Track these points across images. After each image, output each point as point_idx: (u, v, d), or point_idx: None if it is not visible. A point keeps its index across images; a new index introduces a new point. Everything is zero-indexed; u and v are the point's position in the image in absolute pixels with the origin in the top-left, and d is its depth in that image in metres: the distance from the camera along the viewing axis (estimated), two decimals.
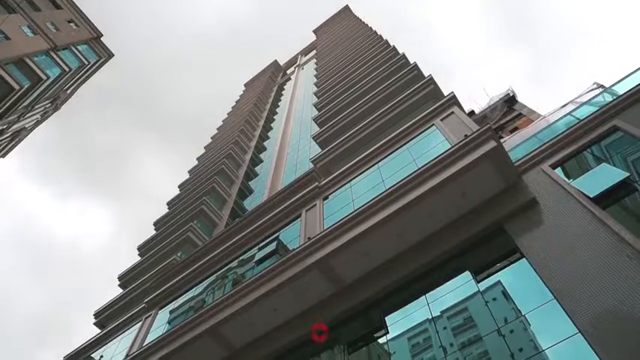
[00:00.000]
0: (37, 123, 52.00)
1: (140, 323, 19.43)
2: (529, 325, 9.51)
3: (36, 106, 42.57)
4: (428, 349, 10.91)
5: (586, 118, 13.73)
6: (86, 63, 44.03)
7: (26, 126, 48.75)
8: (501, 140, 15.15)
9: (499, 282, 10.95)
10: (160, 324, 18.11)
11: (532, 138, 15.61)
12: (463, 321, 10.81)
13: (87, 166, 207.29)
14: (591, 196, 11.13)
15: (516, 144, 15.53)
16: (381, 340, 12.03)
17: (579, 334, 8.60)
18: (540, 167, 13.04)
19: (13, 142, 51.28)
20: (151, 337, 17.41)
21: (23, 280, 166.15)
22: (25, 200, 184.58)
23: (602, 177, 11.68)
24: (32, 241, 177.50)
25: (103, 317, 25.77)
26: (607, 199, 11.08)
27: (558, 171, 12.91)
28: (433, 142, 14.66)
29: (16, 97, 33.84)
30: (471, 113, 34.74)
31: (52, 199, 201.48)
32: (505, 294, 10.52)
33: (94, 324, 26.17)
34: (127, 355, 17.13)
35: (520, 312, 9.88)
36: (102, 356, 19.81)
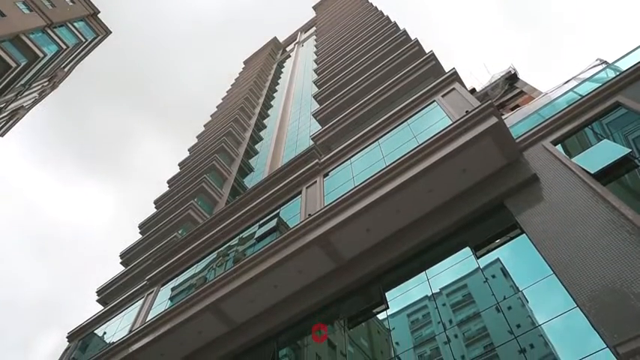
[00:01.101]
0: (35, 102, 51.66)
1: (142, 300, 19.63)
2: (527, 301, 9.57)
3: (33, 85, 42.22)
4: (427, 325, 11.02)
5: (588, 94, 13.58)
6: (83, 40, 43.48)
7: (24, 105, 48.43)
8: (503, 117, 15.05)
9: (498, 259, 11.00)
10: (161, 300, 18.30)
11: (533, 114, 15.50)
12: (462, 297, 10.89)
13: (87, 149, 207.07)
14: (592, 172, 11.09)
15: (518, 120, 15.44)
16: (381, 316, 12.15)
17: (577, 308, 8.66)
18: (541, 143, 12.98)
19: (11, 121, 51.03)
20: (153, 314, 17.60)
21: (26, 263, 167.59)
22: (26, 183, 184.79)
23: (603, 153, 11.62)
24: (34, 223, 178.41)
25: (105, 294, 26.03)
26: (608, 175, 11.04)
27: (559, 147, 12.86)
28: (434, 119, 14.55)
29: (13, 74, 33.51)
30: (472, 91, 34.48)
31: (52, 182, 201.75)
32: (504, 271, 10.58)
33: (97, 301, 26.45)
34: (129, 331, 17.34)
35: (518, 288, 9.94)
36: (105, 332, 20.06)
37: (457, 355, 9.68)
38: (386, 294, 12.45)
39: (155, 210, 32.75)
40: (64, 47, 39.14)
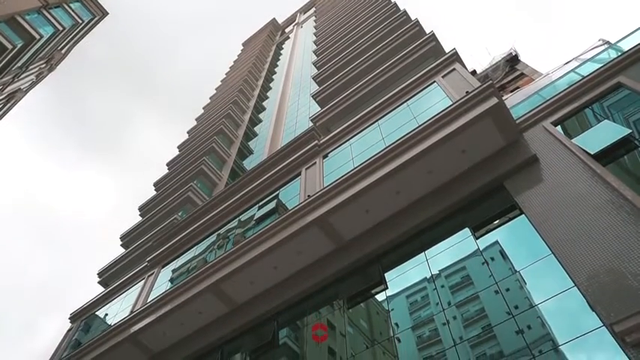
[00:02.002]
0: (33, 84, 51.27)
1: (143, 281, 19.76)
2: (525, 283, 9.62)
3: (30, 67, 41.86)
4: (426, 306, 11.09)
5: (589, 75, 13.45)
6: (80, 21, 42.97)
7: (21, 87, 48.06)
8: (503, 98, 14.96)
9: (497, 242, 11.03)
10: (162, 282, 18.43)
11: (534, 95, 15.39)
12: (461, 279, 10.93)
13: (87, 134, 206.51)
14: (592, 152, 11.05)
15: (518, 101, 15.34)
16: (380, 297, 12.24)
17: (575, 287, 8.71)
18: (542, 124, 12.92)
19: (9, 104, 50.70)
20: (154, 295, 17.74)
21: (27, 248, 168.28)
22: (26, 167, 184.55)
23: (604, 134, 11.56)
24: (34, 208, 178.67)
25: (106, 276, 26.21)
26: (608, 156, 11.00)
27: (560, 128, 12.81)
28: (434, 99, 14.46)
29: (9, 56, 33.20)
30: (473, 73, 34.22)
31: (53, 166, 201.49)
32: (502, 253, 10.60)
33: (98, 282, 26.64)
34: (131, 312, 17.50)
35: (517, 269, 9.98)
36: (107, 314, 20.22)
37: (455, 336, 9.75)
38: (385, 274, 12.52)
39: (155, 192, 32.78)
40: (61, 28, 38.71)
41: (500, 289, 9.83)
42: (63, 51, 47.78)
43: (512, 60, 34.05)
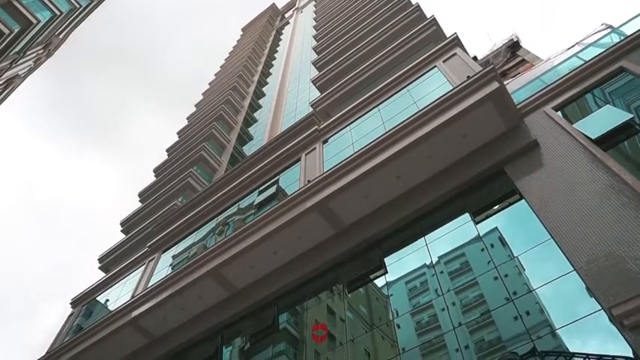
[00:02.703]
0: (31, 70, 50.91)
1: (143, 267, 19.83)
2: (523, 269, 9.64)
3: (28, 52, 41.52)
4: (425, 292, 11.14)
5: (592, 59, 13.36)
6: (78, 6, 42.48)
7: (19, 73, 47.71)
8: (504, 83, 14.86)
9: (496, 228, 11.03)
10: (162, 267, 18.49)
11: (535, 80, 15.30)
12: (460, 265, 10.97)
13: (86, 122, 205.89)
14: (593, 137, 11.02)
15: (519, 86, 15.25)
16: (380, 283, 12.28)
17: (574, 272, 8.73)
18: (543, 109, 12.86)
19: (7, 91, 50.42)
20: (154, 279, 17.81)
21: (27, 236, 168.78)
22: (25, 154, 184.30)
23: (605, 119, 11.52)
24: (34, 196, 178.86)
25: (107, 262, 26.29)
26: (608, 141, 10.98)
27: (561, 113, 12.75)
28: (435, 84, 14.36)
29: (6, 42, 32.89)
30: (474, 59, 33.92)
31: (52, 153, 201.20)
32: (502, 240, 10.62)
33: (99, 268, 26.72)
34: (132, 297, 17.59)
35: (516, 254, 9.99)
36: (108, 299, 20.31)
37: (454, 322, 9.79)
38: (385, 259, 12.56)
39: (155, 178, 32.77)
40: (58, 13, 38.28)
41: (500, 275, 9.86)
42: (61, 36, 47.37)
43: (514, 46, 33.74)
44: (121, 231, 29.16)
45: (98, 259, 26.75)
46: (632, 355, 7.31)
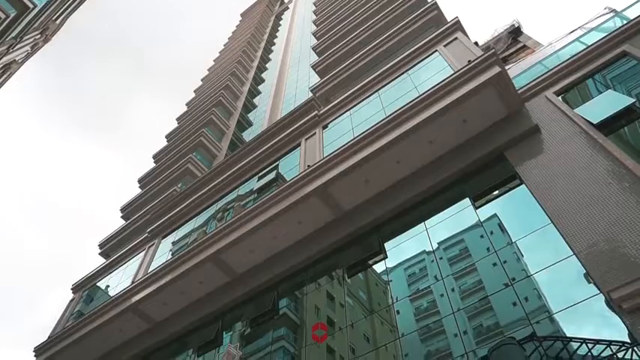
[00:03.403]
0: (28, 56, 50.46)
1: (144, 252, 19.86)
2: (522, 255, 9.66)
3: (25, 37, 41.09)
4: (424, 278, 11.17)
5: (594, 43, 13.24)
6: None
7: (16, 59, 47.32)
8: (506, 67, 14.75)
9: (495, 215, 11.02)
10: (163, 252, 18.53)
11: (537, 65, 15.19)
12: (459, 252, 10.99)
13: (85, 109, 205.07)
14: (594, 122, 10.96)
15: (521, 71, 15.15)
16: (379, 269, 12.30)
17: (573, 256, 8.74)
18: (544, 94, 12.79)
19: (4, 76, 50.06)
20: (154, 265, 17.85)
21: (27, 225, 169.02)
22: (24, 141, 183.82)
23: (607, 103, 11.44)
24: (33, 184, 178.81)
25: (107, 247, 26.32)
26: (610, 125, 10.92)
27: (562, 98, 12.67)
28: (436, 69, 14.24)
29: (3, 26, 32.53)
30: (475, 45, 33.67)
31: (51, 140, 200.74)
32: (501, 226, 10.62)
33: (99, 254, 26.77)
34: (132, 282, 17.65)
35: (515, 239, 9.98)
36: (108, 285, 20.38)
37: (453, 308, 9.82)
38: (385, 244, 12.58)
39: (154, 165, 32.69)
40: None
41: (498, 261, 9.87)
42: (58, 21, 46.86)
43: (515, 32, 33.45)
44: (121, 217, 29.16)
45: (98, 245, 26.80)
46: (628, 340, 7.35)
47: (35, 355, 18.59)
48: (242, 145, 25.36)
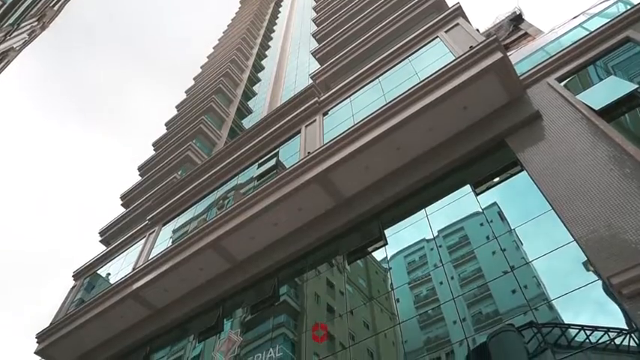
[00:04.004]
0: (26, 43, 50.14)
1: (144, 239, 19.90)
2: (521, 244, 9.65)
3: (22, 24, 40.84)
4: (423, 266, 11.19)
5: (597, 29, 13.11)
6: None
7: (14, 46, 47.02)
8: (507, 54, 14.63)
9: (495, 203, 11.00)
10: (163, 239, 18.56)
11: (539, 51, 15.07)
12: (459, 239, 10.99)
13: (83, 98, 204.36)
14: (596, 108, 10.89)
15: (522, 57, 15.03)
16: (379, 257, 12.31)
17: (574, 242, 8.74)
18: (546, 80, 12.71)
19: (2, 64, 49.77)
20: (155, 252, 17.90)
21: (27, 215, 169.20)
22: (23, 129, 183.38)
23: (609, 90, 11.37)
24: (33, 172, 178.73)
25: (108, 235, 26.36)
26: (612, 112, 10.86)
27: (564, 85, 12.59)
28: (437, 55, 14.11)
29: None
30: (476, 31, 33.39)
31: (50, 128, 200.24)
32: (500, 215, 10.60)
33: (100, 241, 26.83)
34: (133, 269, 17.71)
35: (516, 226, 9.97)
36: (109, 273, 20.42)
37: (452, 295, 9.84)
38: (385, 231, 12.59)
39: (154, 152, 32.62)
40: None
41: (498, 248, 9.88)
42: (55, 7, 46.54)
43: (517, 19, 33.16)
44: (121, 204, 29.18)
45: (99, 233, 26.83)
46: (625, 327, 7.38)
47: (38, 342, 18.72)
48: (242, 132, 25.30)
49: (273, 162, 16.16)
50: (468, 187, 11.77)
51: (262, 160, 17.08)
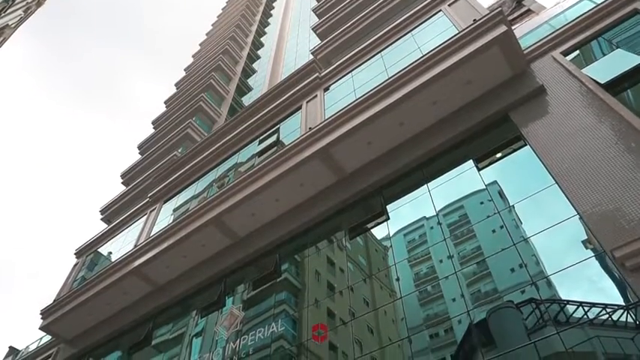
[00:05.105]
0: (21, 20, 49.53)
1: (145, 217, 19.93)
2: (521, 222, 9.62)
3: (17, 1, 40.26)
4: (423, 244, 11.19)
5: (604, 1, 12.85)
6: None
7: (9, 23, 46.45)
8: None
9: (496, 182, 10.92)
10: (164, 217, 18.57)
11: (544, 25, 14.80)
12: (459, 218, 10.94)
13: (81, 79, 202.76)
14: (602, 82, 10.74)
15: (528, 31, 14.78)
16: (379, 234, 12.30)
17: (577, 216, 8.71)
18: (551, 54, 12.50)
19: None
20: (156, 229, 17.93)
21: (29, 194, 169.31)
22: (23, 111, 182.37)
23: (616, 63, 11.19)
24: (34, 154, 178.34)
25: (109, 213, 26.43)
26: (618, 85, 10.71)
27: (569, 59, 12.39)
28: (440, 29, 13.89)
29: None
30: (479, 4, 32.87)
31: (49, 110, 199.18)
32: (501, 193, 10.54)
33: (101, 219, 26.91)
34: (134, 246, 17.76)
35: (514, 207, 9.89)
36: (111, 252, 20.48)
37: (451, 273, 9.84)
38: (387, 206, 12.56)
39: (154, 131, 32.46)
40: None
41: (498, 226, 9.84)
42: None
43: None
44: (122, 183, 29.18)
45: (100, 211, 26.90)
46: (622, 303, 7.41)
47: (42, 318, 18.90)
48: (242, 109, 25.12)
49: (274, 138, 16.05)
50: (470, 163, 11.70)
51: (263, 136, 16.97)
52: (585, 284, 8.23)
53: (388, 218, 12.23)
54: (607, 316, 7.42)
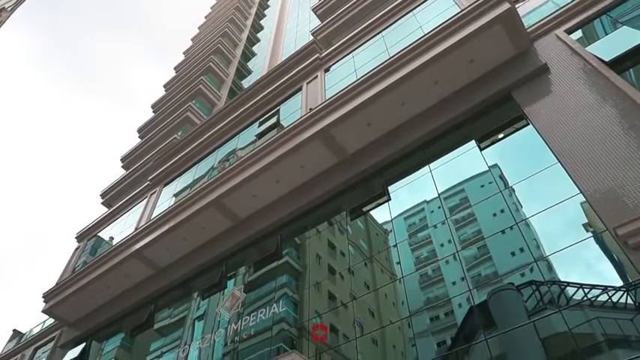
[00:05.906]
0: (18, 3, 49.03)
1: (146, 200, 19.90)
2: (521, 206, 9.56)
3: None
4: (424, 228, 11.16)
5: None
6: None
7: (5, 6, 45.98)
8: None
9: (496, 165, 10.82)
10: (164, 200, 18.53)
11: (547, 3, 14.57)
12: (459, 201, 10.89)
13: (79, 65, 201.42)
14: (607, 60, 10.58)
15: (531, 9, 14.54)
16: (380, 218, 12.26)
17: (580, 194, 8.65)
18: (554, 33, 12.30)
19: None
20: (157, 212, 17.90)
21: (30, 180, 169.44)
22: (23, 98, 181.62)
23: (621, 40, 10.99)
24: (35, 143, 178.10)
25: (109, 197, 26.43)
26: (623, 63, 10.54)
27: (573, 36, 12.20)
28: (442, 7, 13.68)
29: None
30: None
31: (49, 97, 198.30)
32: (502, 177, 10.45)
33: (102, 203, 26.92)
34: (135, 229, 17.76)
35: (514, 188, 9.84)
36: (112, 237, 20.48)
37: (452, 257, 9.83)
38: (389, 187, 12.50)
39: (153, 114, 32.29)
40: None
41: (499, 210, 9.80)
42: None
43: None
44: (122, 167, 29.12)
45: (100, 195, 26.90)
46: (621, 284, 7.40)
47: (44, 301, 19.00)
48: (242, 91, 24.92)
49: (274, 120, 15.92)
50: (472, 143, 11.61)
51: (263, 118, 16.83)
52: (583, 267, 8.23)
53: (389, 199, 12.18)
54: (607, 297, 7.41)
